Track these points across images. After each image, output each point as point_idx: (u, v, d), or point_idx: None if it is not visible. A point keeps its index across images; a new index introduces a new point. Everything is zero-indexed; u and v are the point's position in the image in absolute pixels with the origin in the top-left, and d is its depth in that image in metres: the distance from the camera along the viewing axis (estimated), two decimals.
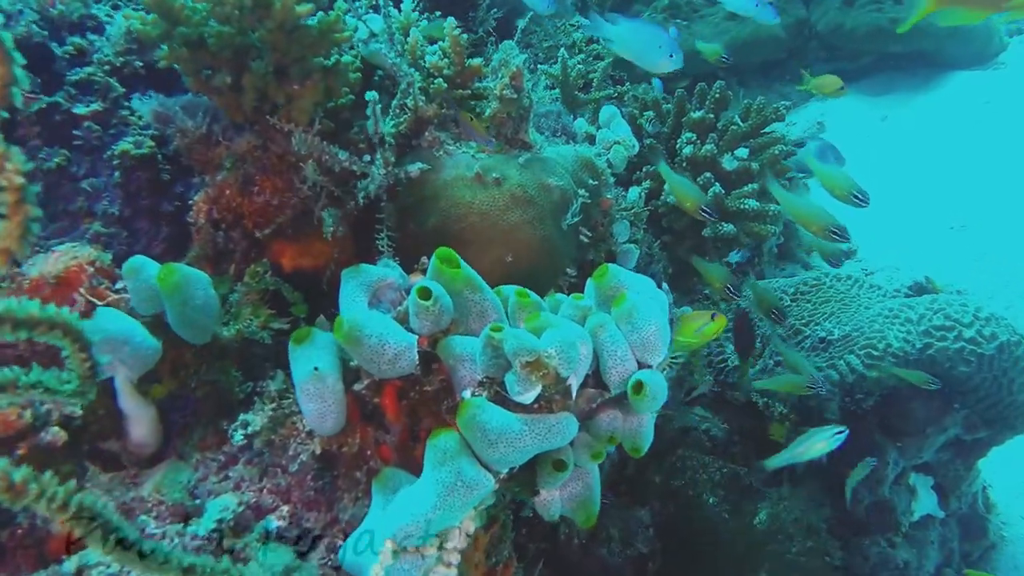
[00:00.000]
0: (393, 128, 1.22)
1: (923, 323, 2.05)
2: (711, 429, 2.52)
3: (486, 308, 0.95)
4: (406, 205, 1.24)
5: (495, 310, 0.96)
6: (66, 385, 0.72)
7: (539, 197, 1.24)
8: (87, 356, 0.74)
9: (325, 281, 1.23)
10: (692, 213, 1.52)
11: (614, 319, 0.94)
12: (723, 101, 1.92)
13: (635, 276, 1.01)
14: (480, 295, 0.95)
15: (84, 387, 0.74)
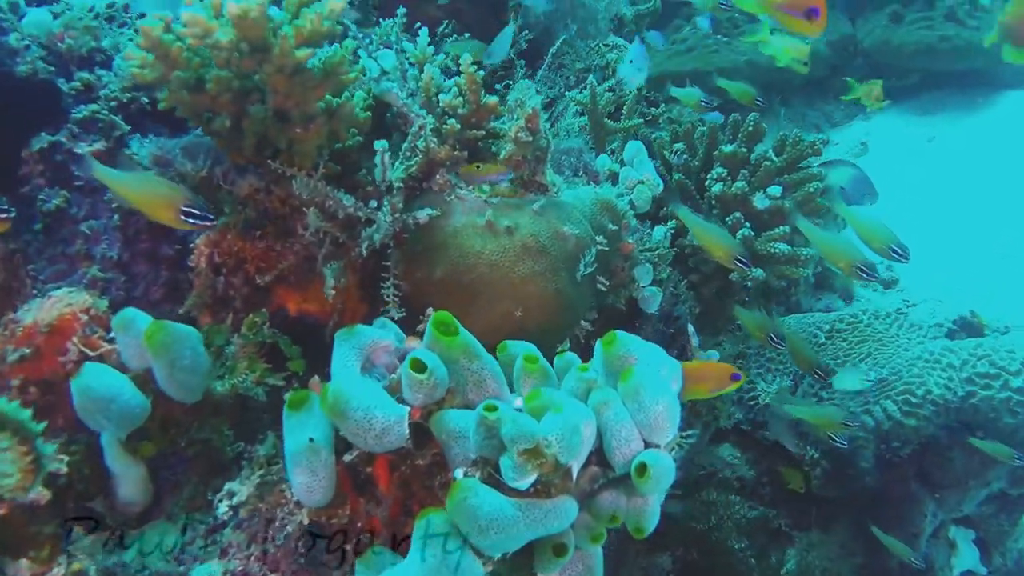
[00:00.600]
0: (403, 173, 1.16)
1: (966, 369, 1.95)
2: (739, 469, 2.43)
3: (484, 377, 0.89)
4: (414, 252, 1.19)
5: (494, 379, 0.90)
6: (5, 480, 0.69)
7: (552, 247, 1.18)
8: (29, 450, 0.70)
9: (328, 331, 1.18)
10: (725, 263, 1.43)
11: (620, 396, 0.88)
12: (756, 134, 1.84)
13: (644, 345, 0.94)
14: (478, 363, 0.89)
15: (24, 482, 0.70)
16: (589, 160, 1.49)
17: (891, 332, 2.20)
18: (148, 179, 1.01)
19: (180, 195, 0.97)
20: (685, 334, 1.71)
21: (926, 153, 4.31)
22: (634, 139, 2.09)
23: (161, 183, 1.00)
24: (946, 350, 2.00)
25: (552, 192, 1.29)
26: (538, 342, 1.19)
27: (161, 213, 0.98)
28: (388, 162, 1.10)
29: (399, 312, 1.13)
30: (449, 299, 1.15)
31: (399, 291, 1.17)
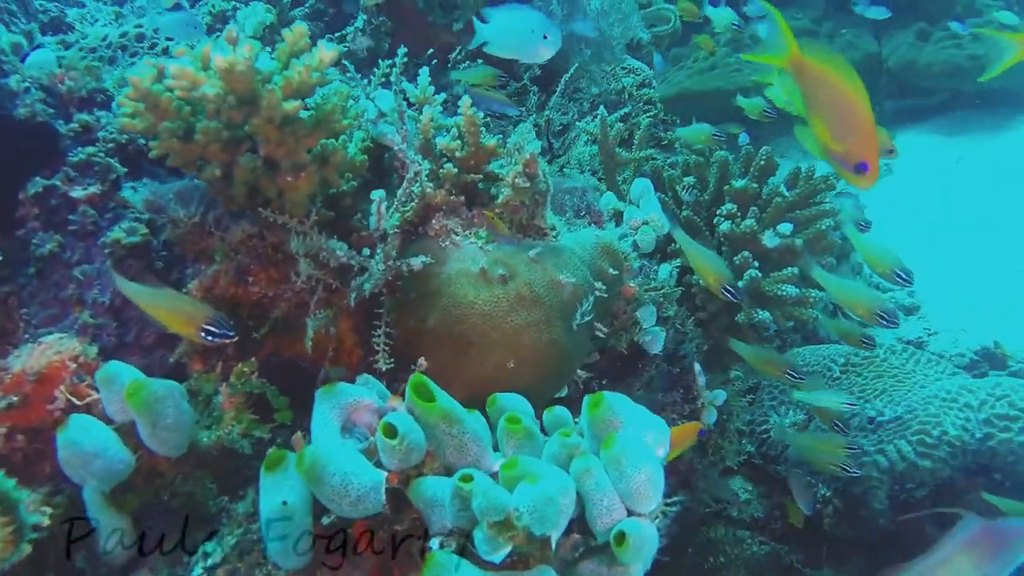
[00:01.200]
0: (397, 220, 1.15)
1: (984, 410, 1.89)
2: (750, 503, 2.39)
3: (465, 442, 0.87)
4: (408, 300, 1.18)
5: (476, 442, 0.88)
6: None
7: (547, 296, 1.15)
8: (11, 519, 0.69)
9: (319, 380, 1.17)
10: (713, 291, 1.41)
11: (603, 463, 0.85)
12: (768, 169, 1.81)
13: (631, 408, 0.92)
14: (458, 427, 0.87)
15: (3, 552, 0.69)
16: (593, 200, 1.47)
17: (907, 368, 2.14)
18: (171, 296, 1.04)
19: (201, 313, 1.00)
20: (691, 373, 1.68)
21: (952, 174, 4.22)
22: (645, 171, 2.07)
23: (184, 300, 1.03)
24: (963, 389, 1.95)
25: (551, 236, 1.27)
26: (532, 393, 1.17)
27: (182, 329, 1.01)
28: (384, 212, 1.09)
29: (387, 363, 1.12)
30: (441, 349, 1.14)
31: (391, 339, 1.15)
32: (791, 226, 1.65)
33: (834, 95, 1.10)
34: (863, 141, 1.08)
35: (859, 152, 1.08)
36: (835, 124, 1.09)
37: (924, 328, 3.10)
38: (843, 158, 1.12)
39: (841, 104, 1.09)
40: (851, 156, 1.09)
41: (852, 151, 1.09)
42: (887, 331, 3.08)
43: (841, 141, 1.09)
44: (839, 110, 1.09)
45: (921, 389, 2.06)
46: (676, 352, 1.70)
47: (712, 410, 1.67)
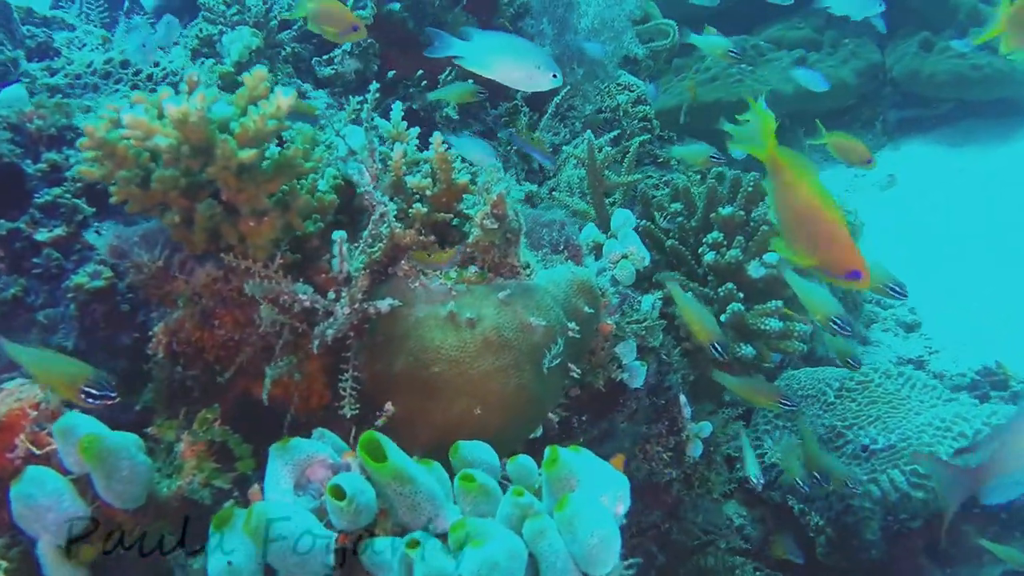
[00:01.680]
0: (362, 264, 1.13)
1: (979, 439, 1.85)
2: (745, 527, 2.36)
3: (417, 502, 0.85)
4: (375, 343, 1.16)
5: (430, 500, 0.86)
6: None
7: (517, 340, 1.13)
8: None
9: (285, 426, 1.15)
10: (703, 345, 1.39)
11: (556, 524, 0.83)
12: (757, 195, 1.78)
13: (588, 465, 0.90)
14: (410, 487, 0.85)
15: None
16: (572, 233, 1.44)
17: (902, 393, 2.11)
18: (53, 358, 1.03)
19: (82, 374, 0.99)
20: (677, 405, 1.66)
21: (956, 186, 4.17)
22: (635, 194, 2.04)
23: (65, 362, 1.02)
24: (958, 417, 1.91)
25: (524, 275, 1.25)
26: (501, 439, 1.15)
27: (64, 391, 1.00)
28: (347, 253, 1.07)
29: (352, 409, 1.10)
30: (407, 395, 1.12)
31: (358, 383, 1.13)
32: (777, 255, 1.63)
33: (805, 203, 1.09)
34: (844, 252, 1.08)
35: (845, 263, 1.08)
36: (809, 232, 1.09)
37: (925, 346, 3.06)
38: (828, 269, 1.11)
39: (813, 212, 1.08)
40: (836, 266, 1.09)
41: (836, 262, 1.09)
42: (886, 352, 3.04)
43: (818, 252, 1.09)
44: (811, 219, 1.09)
45: (916, 416, 2.03)
46: (661, 383, 1.67)
47: (697, 442, 1.65)
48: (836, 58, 4.67)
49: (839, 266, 1.09)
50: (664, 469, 1.65)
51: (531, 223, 1.47)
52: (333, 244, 1.06)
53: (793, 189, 1.10)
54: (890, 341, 3.10)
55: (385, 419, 1.13)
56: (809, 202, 1.08)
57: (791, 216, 1.11)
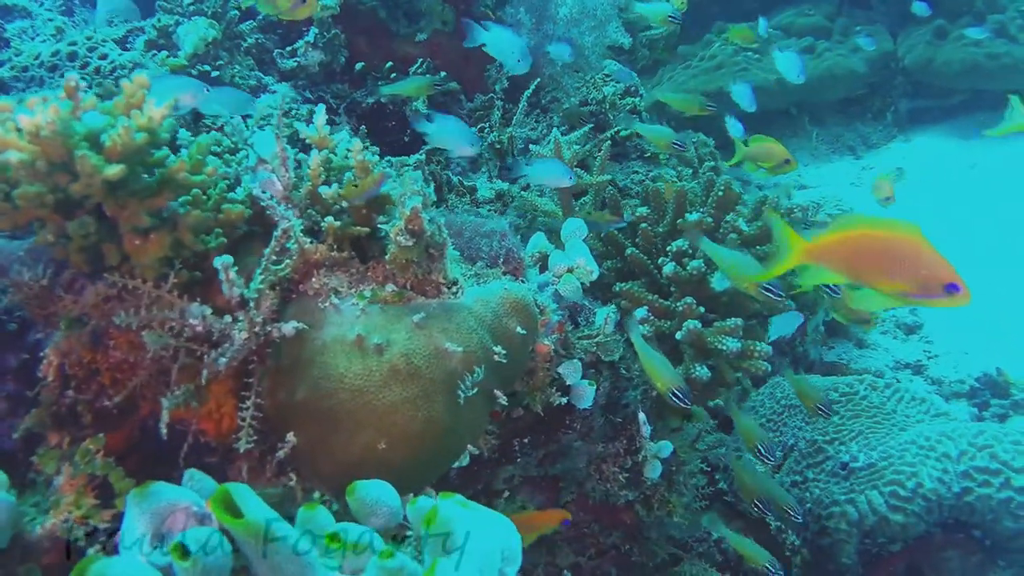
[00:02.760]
0: (261, 284, 1.04)
1: (964, 462, 1.75)
2: (723, 540, 2.26)
3: (277, 563, 0.77)
4: (280, 368, 1.07)
5: (292, 560, 0.78)
6: None
7: (428, 368, 1.04)
8: None
9: (181, 456, 1.07)
10: (661, 393, 1.31)
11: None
12: (728, 200, 1.67)
13: (478, 520, 0.81)
14: (271, 547, 0.77)
15: None
16: (514, 244, 1.35)
17: (887, 407, 2.00)
18: None
19: None
20: (635, 422, 1.56)
21: (968, 180, 4.01)
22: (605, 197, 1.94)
23: None
24: (943, 436, 1.80)
25: (449, 294, 1.16)
26: (409, 475, 1.07)
27: None
28: (234, 278, 0.98)
29: (248, 442, 1.02)
30: (309, 426, 1.04)
31: (261, 412, 1.05)
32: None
33: (867, 250, 1.08)
34: (934, 267, 1.04)
35: (939, 277, 1.04)
36: (890, 272, 1.07)
37: (924, 350, 2.94)
38: (923, 292, 1.07)
39: (881, 250, 1.07)
40: (931, 286, 1.05)
41: (928, 280, 1.05)
42: (883, 356, 2.92)
43: (908, 280, 1.06)
44: (883, 257, 1.07)
45: (900, 433, 1.92)
46: (619, 400, 1.58)
47: (656, 463, 1.55)
48: (846, 46, 4.49)
49: (933, 282, 1.05)
50: (620, 491, 1.56)
51: (471, 233, 1.38)
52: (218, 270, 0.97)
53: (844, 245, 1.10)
54: (888, 344, 2.98)
55: (286, 451, 1.05)
56: (866, 241, 1.09)
57: (862, 265, 1.09)
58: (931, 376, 2.81)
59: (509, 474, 1.51)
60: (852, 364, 2.84)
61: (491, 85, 2.45)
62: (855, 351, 2.91)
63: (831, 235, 1.10)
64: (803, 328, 2.76)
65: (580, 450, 1.57)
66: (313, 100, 2.15)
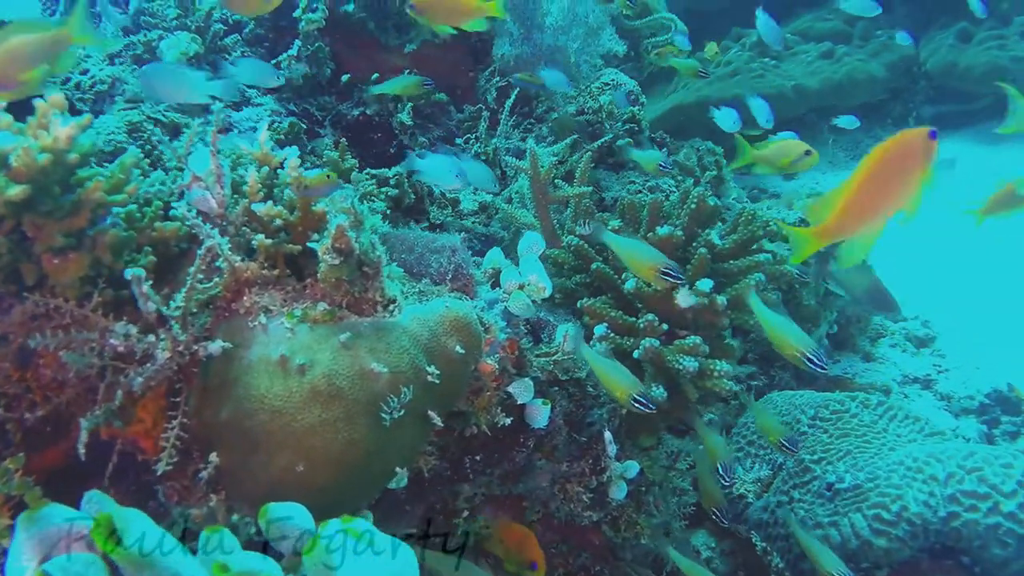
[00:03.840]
0: (183, 302, 1.04)
1: (951, 485, 1.67)
2: (712, 560, 2.21)
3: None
4: (208, 387, 1.06)
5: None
6: None
7: (351, 389, 1.02)
8: None
9: (107, 476, 1.07)
10: (622, 403, 1.27)
11: None
12: (701, 213, 1.63)
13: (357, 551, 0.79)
14: (150, 573, 0.75)
15: None
16: (464, 260, 1.32)
17: (878, 426, 1.93)
18: None
19: None
20: (601, 442, 1.53)
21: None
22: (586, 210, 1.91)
23: None
24: (931, 457, 1.73)
25: (384, 313, 1.14)
26: (332, 499, 1.05)
27: None
28: (147, 292, 0.98)
29: (168, 464, 1.01)
30: (232, 446, 1.03)
31: (186, 432, 1.04)
32: (711, 282, 1.47)
33: (867, 190, 1.15)
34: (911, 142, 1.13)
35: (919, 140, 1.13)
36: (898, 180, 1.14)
37: (934, 364, 2.84)
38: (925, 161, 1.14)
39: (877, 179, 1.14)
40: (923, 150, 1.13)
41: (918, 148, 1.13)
42: (890, 370, 2.83)
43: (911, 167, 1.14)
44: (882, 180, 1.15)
45: (889, 453, 1.85)
46: (583, 419, 1.55)
47: (621, 484, 1.51)
48: (866, 51, 4.39)
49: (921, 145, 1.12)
50: (584, 512, 1.52)
51: (422, 248, 1.36)
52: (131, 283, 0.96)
53: (845, 198, 1.15)
54: (897, 357, 2.89)
55: (209, 472, 1.04)
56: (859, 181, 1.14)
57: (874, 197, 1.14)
58: (940, 391, 2.71)
59: (470, 493, 1.49)
60: (857, 378, 2.76)
61: (480, 96, 2.44)
62: (861, 364, 2.83)
63: (827, 210, 1.16)
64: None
65: (544, 469, 1.54)
66: (298, 113, 2.15)
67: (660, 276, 1.30)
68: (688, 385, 1.39)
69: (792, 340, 1.40)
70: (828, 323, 2.74)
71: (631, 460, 1.54)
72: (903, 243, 3.68)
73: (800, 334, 1.43)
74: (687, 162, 2.91)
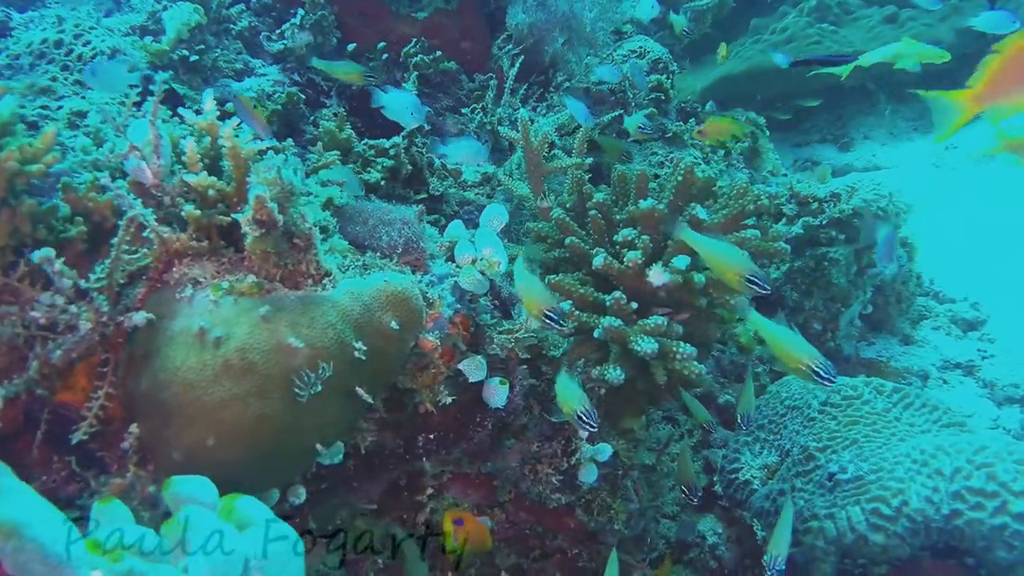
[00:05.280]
0: (103, 274, 1.03)
1: (957, 480, 1.56)
2: (718, 547, 2.14)
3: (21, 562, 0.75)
4: (134, 357, 1.06)
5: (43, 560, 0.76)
6: None
7: (264, 364, 1.00)
8: None
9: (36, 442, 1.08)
10: (535, 317, 1.19)
11: None
12: (687, 186, 1.54)
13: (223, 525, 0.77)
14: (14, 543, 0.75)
15: None
16: (416, 233, 1.29)
17: (890, 415, 1.81)
18: None
19: None
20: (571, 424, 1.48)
21: None
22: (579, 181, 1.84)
23: None
24: (939, 450, 1.62)
25: (317, 287, 1.12)
26: (247, 474, 1.04)
27: None
28: (61, 269, 0.98)
29: (85, 433, 1.01)
30: (148, 418, 1.03)
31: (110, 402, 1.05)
32: (688, 259, 1.40)
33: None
34: None
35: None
36: None
37: (979, 349, 2.66)
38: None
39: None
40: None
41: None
42: (930, 355, 2.67)
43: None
44: None
45: (898, 444, 1.74)
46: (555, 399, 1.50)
47: (591, 467, 1.47)
48: (934, 15, 4.11)
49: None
50: (552, 494, 1.48)
51: (376, 221, 1.32)
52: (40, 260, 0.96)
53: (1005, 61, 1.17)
54: (939, 341, 2.72)
55: (129, 443, 1.04)
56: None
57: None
58: (983, 378, 2.54)
59: (436, 470, 1.47)
60: (893, 362, 2.61)
61: (494, 64, 2.38)
62: (898, 348, 2.67)
63: (987, 72, 1.16)
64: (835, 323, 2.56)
65: (513, 449, 1.50)
66: (302, 83, 2.14)
67: (745, 283, 1.21)
68: (656, 367, 1.32)
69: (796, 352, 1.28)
70: (862, 303, 2.59)
71: (604, 443, 1.48)
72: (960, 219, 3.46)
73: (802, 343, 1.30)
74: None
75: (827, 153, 4.20)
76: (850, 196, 2.43)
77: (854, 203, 2.41)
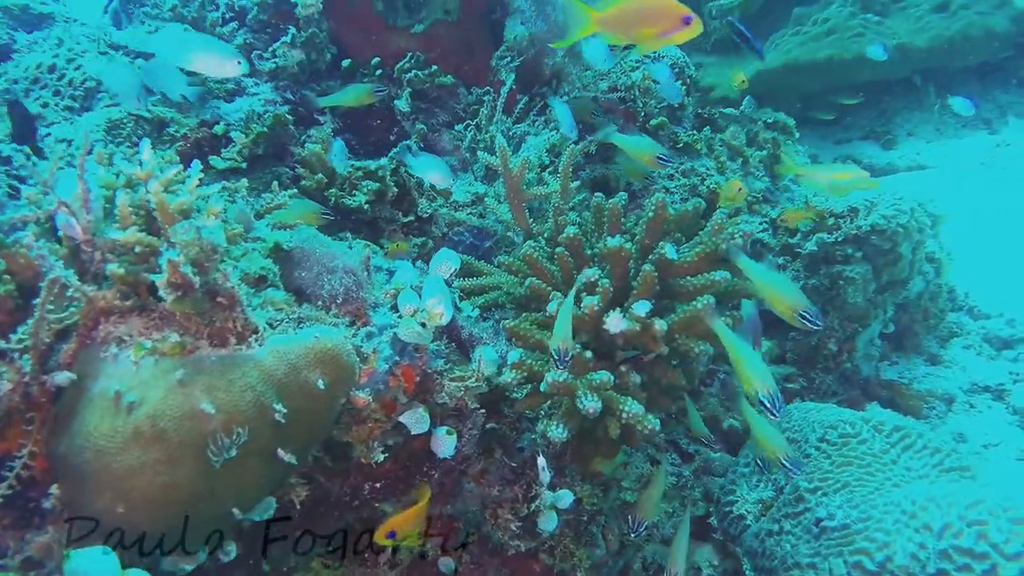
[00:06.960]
0: (25, 334, 1.04)
1: (946, 537, 1.47)
2: None
3: None
4: (58, 417, 1.07)
5: None
6: None
7: (176, 431, 0.99)
8: None
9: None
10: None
11: None
12: (658, 222, 1.47)
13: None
14: None
15: None
16: (357, 282, 1.26)
17: (887, 457, 1.72)
18: None
19: None
20: (533, 468, 1.44)
21: None
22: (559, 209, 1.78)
23: None
24: (931, 502, 1.52)
25: (242, 345, 1.10)
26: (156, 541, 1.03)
27: None
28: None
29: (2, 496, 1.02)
30: (64, 482, 1.03)
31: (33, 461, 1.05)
32: (649, 304, 1.33)
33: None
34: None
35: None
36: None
37: (1010, 372, 2.51)
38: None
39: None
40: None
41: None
42: (957, 376, 2.53)
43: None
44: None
45: (892, 490, 1.65)
46: (515, 445, 1.46)
47: (551, 515, 1.43)
48: (988, 2, 3.87)
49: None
50: (511, 540, 1.45)
51: (319, 268, 1.30)
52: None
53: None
54: (969, 361, 2.57)
55: (51, 503, 1.05)
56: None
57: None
58: (1013, 404, 2.40)
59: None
60: (915, 384, 2.48)
61: (493, 77, 2.32)
62: (923, 368, 2.54)
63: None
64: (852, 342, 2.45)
65: (473, 493, 1.47)
66: (294, 101, 2.13)
67: (798, 318, 1.22)
68: (610, 421, 1.27)
69: (752, 375, 1.26)
70: (882, 322, 2.47)
71: (565, 489, 1.44)
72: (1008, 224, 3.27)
73: (762, 368, 1.29)
74: (733, 141, 2.68)
75: (869, 150, 4.01)
76: (868, 212, 2.31)
77: (872, 220, 2.29)
